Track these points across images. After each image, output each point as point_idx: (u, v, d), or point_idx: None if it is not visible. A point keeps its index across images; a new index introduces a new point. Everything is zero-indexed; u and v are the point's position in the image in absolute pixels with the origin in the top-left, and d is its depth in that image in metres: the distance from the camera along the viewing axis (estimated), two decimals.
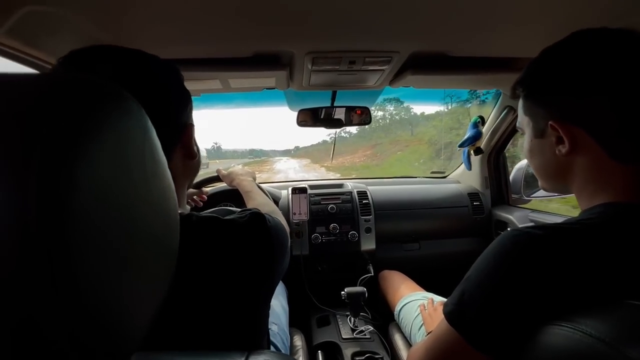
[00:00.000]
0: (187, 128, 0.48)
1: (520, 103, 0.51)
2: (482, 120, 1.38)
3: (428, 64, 0.85)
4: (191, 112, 0.51)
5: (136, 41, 0.67)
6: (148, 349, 0.30)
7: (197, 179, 1.13)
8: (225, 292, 0.44)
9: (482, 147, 1.40)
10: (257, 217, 0.49)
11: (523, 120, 0.52)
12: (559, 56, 0.46)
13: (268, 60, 0.81)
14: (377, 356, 0.97)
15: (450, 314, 0.44)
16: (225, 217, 0.47)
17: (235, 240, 0.46)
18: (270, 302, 0.53)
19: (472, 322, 0.41)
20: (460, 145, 1.40)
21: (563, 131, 0.44)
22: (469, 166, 1.46)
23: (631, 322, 0.31)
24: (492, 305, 0.40)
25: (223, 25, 0.63)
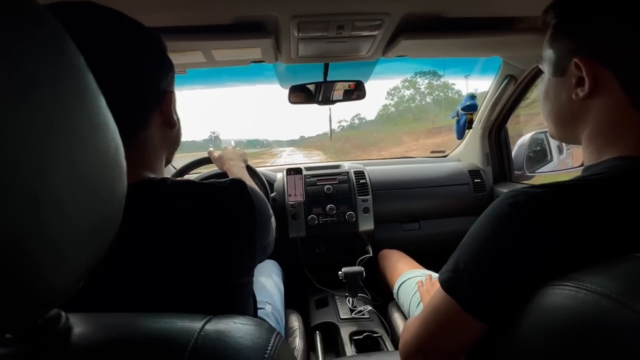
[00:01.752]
0: (166, 94, 0.47)
1: (548, 34, 0.47)
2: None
3: (422, 28, 0.80)
4: (173, 80, 0.49)
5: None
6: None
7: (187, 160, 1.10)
8: (201, 259, 0.41)
9: (482, 121, 1.36)
10: (238, 182, 0.47)
11: (546, 55, 0.47)
12: None
13: (251, 28, 0.76)
14: (375, 335, 0.95)
15: (446, 282, 0.41)
16: (202, 182, 0.45)
17: (213, 203, 0.43)
18: (252, 273, 0.50)
19: (469, 288, 0.39)
20: (463, 110, 1.35)
21: (587, 70, 0.40)
22: (462, 135, 1.41)
23: (639, 275, 0.28)
24: (490, 270, 0.38)
25: None
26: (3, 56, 0.16)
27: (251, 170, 1.03)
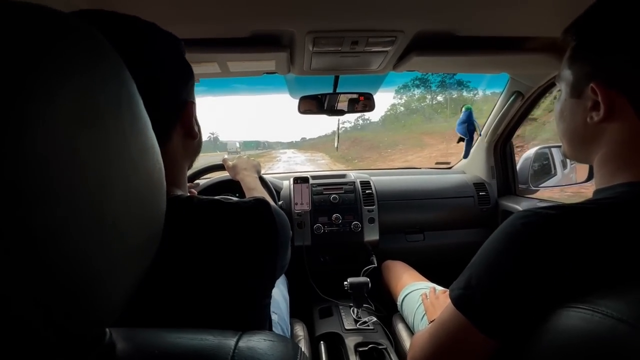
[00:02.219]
0: (187, 106, 0.45)
1: (567, 54, 0.47)
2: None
3: (434, 45, 0.81)
4: (192, 90, 0.48)
5: None
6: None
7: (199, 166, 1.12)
8: (225, 278, 0.42)
9: (488, 134, 1.38)
10: (262, 202, 0.46)
11: (564, 74, 0.48)
12: (631, 5, 0.40)
13: (267, 41, 0.78)
14: (380, 347, 0.95)
15: (457, 298, 0.42)
16: (228, 201, 0.45)
17: (238, 225, 0.43)
18: (271, 292, 0.50)
19: (481, 306, 0.39)
20: (466, 133, 1.37)
21: (603, 96, 0.41)
22: (468, 154, 1.43)
23: None
24: (503, 289, 0.38)
25: (220, 1, 0.61)
26: (76, 91, 0.17)
27: (262, 181, 1.04)
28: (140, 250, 0.22)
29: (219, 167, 0.99)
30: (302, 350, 0.29)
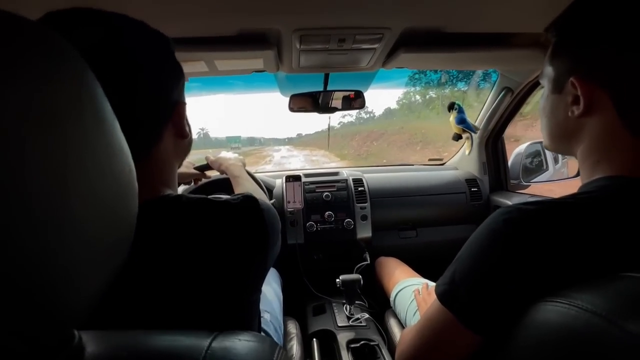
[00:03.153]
0: (178, 106, 0.45)
1: (549, 51, 0.48)
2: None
3: (422, 42, 0.81)
4: (183, 90, 0.48)
5: None
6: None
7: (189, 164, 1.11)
8: (214, 276, 0.42)
9: (479, 130, 1.40)
10: (250, 199, 0.47)
11: (546, 71, 0.49)
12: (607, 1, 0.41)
13: (254, 40, 0.77)
14: (372, 343, 0.96)
15: (442, 294, 0.42)
16: (216, 199, 0.45)
17: (227, 222, 0.43)
18: (261, 288, 0.50)
19: (465, 301, 0.40)
20: (472, 128, 1.39)
21: (582, 90, 0.41)
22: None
23: (630, 294, 0.29)
24: (485, 284, 0.39)
25: None
26: (25, 91, 0.17)
27: (250, 175, 1.03)
28: (108, 253, 0.22)
29: (208, 167, 0.98)
30: (282, 349, 0.29)
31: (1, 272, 0.15)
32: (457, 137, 1.49)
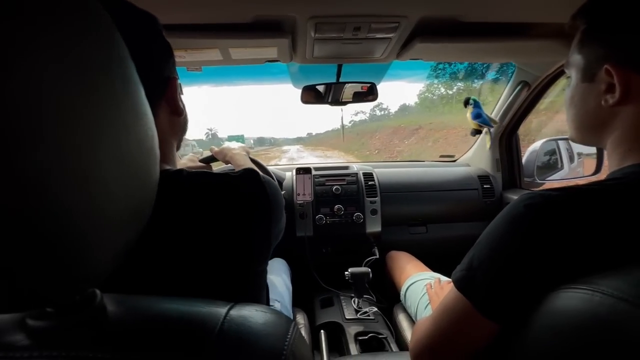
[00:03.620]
0: (170, 81, 0.46)
1: (576, 39, 0.46)
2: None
3: (438, 31, 0.80)
4: (174, 66, 0.49)
5: None
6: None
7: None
8: (220, 246, 0.42)
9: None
10: (251, 171, 0.48)
11: (573, 60, 0.47)
12: None
13: (269, 27, 0.77)
14: (380, 336, 0.95)
15: (459, 280, 0.42)
16: (216, 172, 0.46)
17: (229, 192, 0.44)
18: (266, 265, 0.51)
19: (482, 288, 0.39)
20: (489, 122, 1.37)
21: (618, 77, 0.40)
22: None
23: None
24: (504, 271, 0.38)
25: None
26: (62, 45, 0.17)
27: (257, 165, 1.04)
28: (131, 214, 0.22)
29: (213, 159, 0.99)
30: (296, 325, 0.29)
31: (24, 212, 0.16)
32: (475, 132, 1.46)
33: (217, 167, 1.25)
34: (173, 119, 0.48)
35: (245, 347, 0.23)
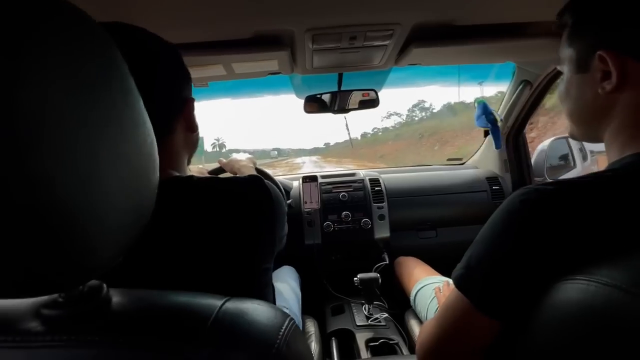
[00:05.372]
0: (188, 102, 0.52)
1: (564, 35, 0.47)
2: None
3: (433, 36, 0.82)
4: (191, 88, 0.54)
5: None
6: None
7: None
8: (227, 245, 0.45)
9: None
10: (256, 177, 0.51)
11: (564, 55, 0.47)
12: None
13: (269, 41, 0.81)
14: (391, 342, 0.94)
15: (458, 279, 0.42)
16: (224, 178, 0.50)
17: (235, 195, 0.47)
18: (272, 263, 0.53)
19: (480, 284, 0.39)
20: (487, 124, 1.35)
21: (613, 62, 0.40)
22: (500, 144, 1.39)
23: None
24: (501, 267, 0.38)
25: (220, 4, 0.64)
26: (64, 60, 0.19)
27: (264, 175, 1.06)
28: (131, 213, 0.24)
29: (221, 170, 1.02)
30: (294, 321, 0.30)
31: (44, 213, 0.18)
32: (487, 133, 1.45)
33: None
34: (187, 134, 0.53)
35: (238, 335, 0.24)
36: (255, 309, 0.27)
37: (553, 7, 0.66)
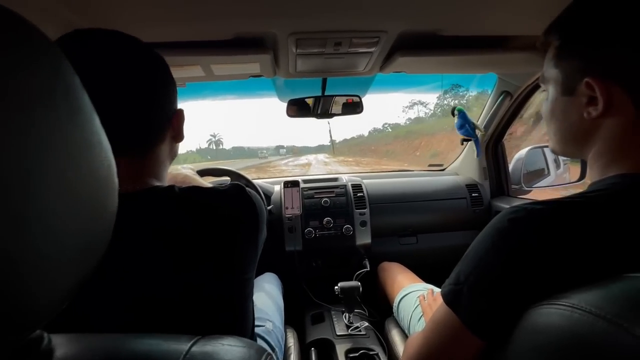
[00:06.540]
0: (178, 112, 0.51)
1: (550, 54, 0.46)
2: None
3: (419, 45, 0.81)
4: (177, 98, 0.53)
5: (111, 24, 0.63)
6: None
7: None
8: (209, 256, 0.43)
9: (479, 135, 1.39)
10: (238, 185, 0.50)
11: (549, 75, 0.46)
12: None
13: (250, 44, 0.77)
14: (371, 352, 0.93)
15: (447, 295, 0.41)
16: (205, 187, 0.49)
17: (218, 205, 0.46)
18: (253, 271, 0.52)
19: (468, 301, 0.39)
20: (471, 133, 1.37)
21: (601, 90, 0.39)
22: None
23: (636, 296, 0.28)
24: (489, 285, 0.38)
25: (199, 2, 0.60)
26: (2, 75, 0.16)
27: (243, 179, 1.03)
28: (82, 250, 0.21)
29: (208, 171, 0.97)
30: (271, 356, 0.28)
31: None
32: (464, 140, 1.47)
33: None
34: (172, 144, 0.52)
35: None
36: (227, 351, 0.24)
37: (536, 22, 0.67)
